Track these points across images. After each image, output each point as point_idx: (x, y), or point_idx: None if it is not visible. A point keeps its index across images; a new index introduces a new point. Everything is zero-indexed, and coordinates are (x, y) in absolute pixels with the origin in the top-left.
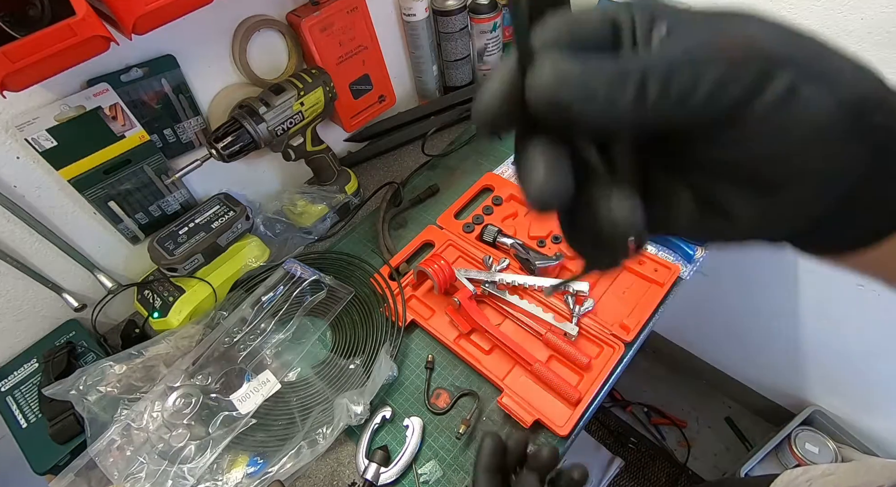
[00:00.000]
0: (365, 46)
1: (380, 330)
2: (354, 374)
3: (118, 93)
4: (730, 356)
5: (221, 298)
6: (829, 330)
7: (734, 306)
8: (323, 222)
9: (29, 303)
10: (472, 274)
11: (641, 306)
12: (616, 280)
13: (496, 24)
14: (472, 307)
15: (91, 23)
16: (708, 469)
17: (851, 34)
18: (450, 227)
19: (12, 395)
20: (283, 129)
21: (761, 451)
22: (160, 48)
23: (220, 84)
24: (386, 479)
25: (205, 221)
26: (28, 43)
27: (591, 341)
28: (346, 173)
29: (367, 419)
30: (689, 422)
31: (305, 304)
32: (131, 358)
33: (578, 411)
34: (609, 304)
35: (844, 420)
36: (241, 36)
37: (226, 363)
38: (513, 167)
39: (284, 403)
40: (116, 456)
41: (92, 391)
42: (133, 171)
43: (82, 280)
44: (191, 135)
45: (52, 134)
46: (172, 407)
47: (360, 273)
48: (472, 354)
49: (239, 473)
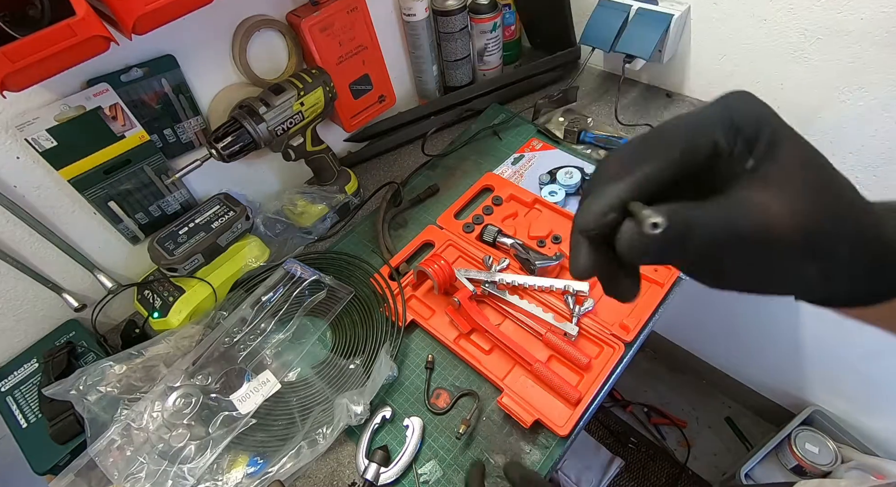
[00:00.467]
0: (365, 46)
1: (380, 330)
2: (354, 374)
3: (118, 93)
4: (730, 356)
5: (221, 298)
6: (830, 330)
7: (734, 306)
8: (323, 222)
9: (29, 303)
10: (472, 274)
11: (641, 306)
12: None
13: (496, 24)
14: (472, 307)
15: (91, 23)
16: (708, 469)
17: (851, 34)
18: (450, 227)
19: (12, 395)
20: (283, 129)
21: (761, 451)
22: (160, 48)
23: (220, 84)
24: (386, 479)
25: (205, 221)
26: (28, 43)
27: (591, 341)
28: (346, 173)
29: (367, 419)
30: (689, 422)
31: (305, 304)
32: (131, 358)
33: (578, 411)
34: (609, 304)
35: (844, 420)
36: (241, 36)
37: (226, 363)
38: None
39: (284, 403)
40: (116, 456)
41: (92, 391)
42: (133, 171)
43: (82, 280)
44: (191, 135)
45: (52, 134)
46: (172, 407)
47: (360, 273)
48: (472, 354)
49: (239, 473)
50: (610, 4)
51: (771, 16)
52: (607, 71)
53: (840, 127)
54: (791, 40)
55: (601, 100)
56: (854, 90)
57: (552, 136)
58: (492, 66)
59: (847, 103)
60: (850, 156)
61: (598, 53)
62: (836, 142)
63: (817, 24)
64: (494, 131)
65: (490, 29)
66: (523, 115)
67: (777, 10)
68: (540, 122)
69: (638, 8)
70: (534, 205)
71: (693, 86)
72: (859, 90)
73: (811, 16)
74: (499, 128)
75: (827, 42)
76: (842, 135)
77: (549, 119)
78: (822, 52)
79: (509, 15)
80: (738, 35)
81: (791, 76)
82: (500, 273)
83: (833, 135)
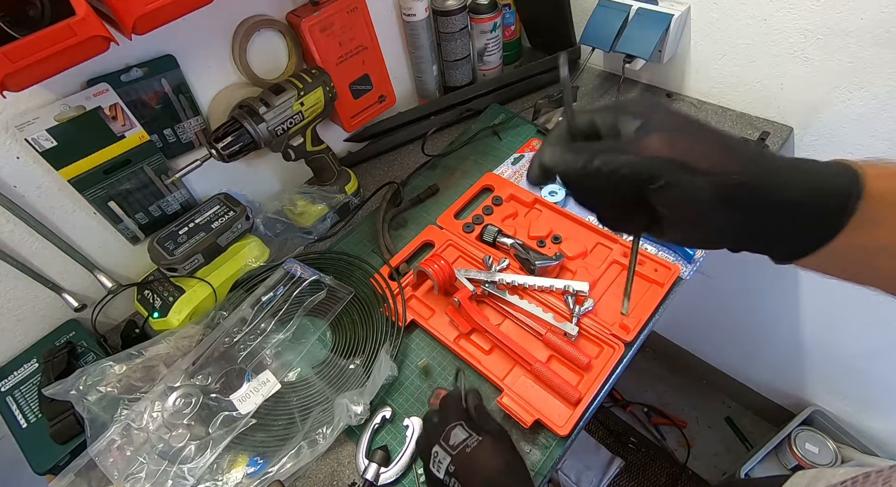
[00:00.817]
0: (365, 46)
1: (380, 330)
2: (354, 374)
3: (118, 93)
4: (730, 356)
5: (221, 298)
6: (830, 330)
7: (734, 306)
8: (323, 222)
9: (29, 303)
10: (472, 274)
11: (641, 306)
12: (616, 280)
13: (496, 24)
14: (472, 307)
15: (91, 23)
16: (708, 469)
17: (851, 34)
18: (450, 227)
19: (12, 395)
20: (283, 129)
21: (761, 451)
22: (160, 48)
23: (220, 84)
24: (386, 479)
25: (205, 221)
26: (28, 43)
27: (591, 341)
28: (346, 173)
29: (367, 419)
30: (689, 422)
31: (305, 304)
32: (131, 358)
33: (578, 411)
34: (609, 304)
35: (844, 420)
36: (241, 36)
37: (226, 363)
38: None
39: (284, 403)
40: (116, 456)
41: (92, 391)
42: (133, 171)
43: (82, 280)
44: (191, 135)
45: (52, 134)
46: (172, 407)
47: (360, 273)
48: (472, 354)
49: (239, 473)
50: (610, 4)
51: (771, 16)
52: (607, 71)
53: (840, 126)
54: (791, 40)
55: (601, 100)
56: (854, 90)
57: None
58: (492, 66)
59: (847, 103)
60: (849, 156)
61: (598, 53)
62: (836, 141)
63: (817, 24)
64: (494, 131)
65: (490, 29)
66: (523, 115)
67: (777, 10)
68: (540, 122)
69: (638, 8)
70: (534, 205)
71: (693, 86)
72: (859, 90)
73: (811, 16)
74: (499, 128)
75: (827, 42)
76: (842, 135)
77: (549, 119)
78: (822, 52)
79: (509, 15)
80: (738, 35)
81: (791, 76)
82: (500, 273)
83: (833, 135)
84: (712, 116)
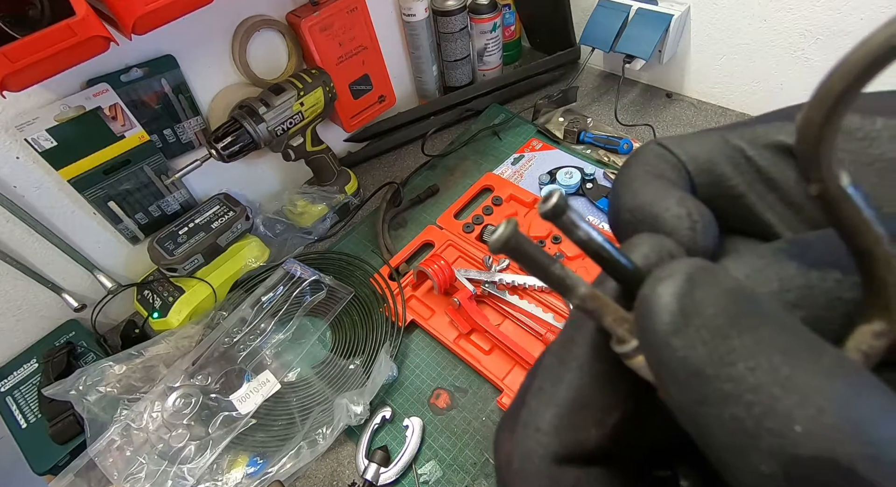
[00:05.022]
0: (365, 46)
1: (380, 330)
2: (354, 374)
3: (118, 94)
4: None
5: (221, 298)
6: None
7: None
8: (323, 222)
9: (29, 303)
10: (472, 274)
11: None
12: None
13: (496, 24)
14: (472, 307)
15: (91, 23)
16: None
17: (851, 34)
18: (450, 227)
19: (12, 395)
20: (283, 129)
21: None
22: (160, 48)
23: (220, 84)
24: (386, 479)
25: (205, 221)
26: (28, 43)
27: None
28: (346, 173)
29: (367, 419)
30: None
31: (305, 304)
32: (131, 358)
33: None
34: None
35: None
36: (241, 36)
37: (226, 363)
38: None
39: (284, 403)
40: (116, 457)
41: (92, 391)
42: (133, 171)
43: (82, 280)
44: (191, 136)
45: (52, 134)
46: (172, 408)
47: (360, 273)
48: (472, 354)
49: (239, 473)
50: (610, 4)
51: (771, 16)
52: (607, 71)
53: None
54: (791, 40)
55: (601, 101)
56: None
57: (552, 136)
58: (492, 67)
59: None
60: None
61: (597, 53)
62: None
63: (817, 24)
64: (494, 131)
65: (490, 29)
66: (523, 115)
67: (777, 11)
68: (540, 122)
69: (638, 8)
70: (534, 206)
71: (693, 86)
72: None
73: (811, 16)
74: (499, 128)
75: (827, 42)
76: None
77: (548, 119)
78: (823, 52)
79: (509, 15)
80: (737, 35)
81: (791, 76)
82: (500, 273)
83: None
84: (712, 116)
